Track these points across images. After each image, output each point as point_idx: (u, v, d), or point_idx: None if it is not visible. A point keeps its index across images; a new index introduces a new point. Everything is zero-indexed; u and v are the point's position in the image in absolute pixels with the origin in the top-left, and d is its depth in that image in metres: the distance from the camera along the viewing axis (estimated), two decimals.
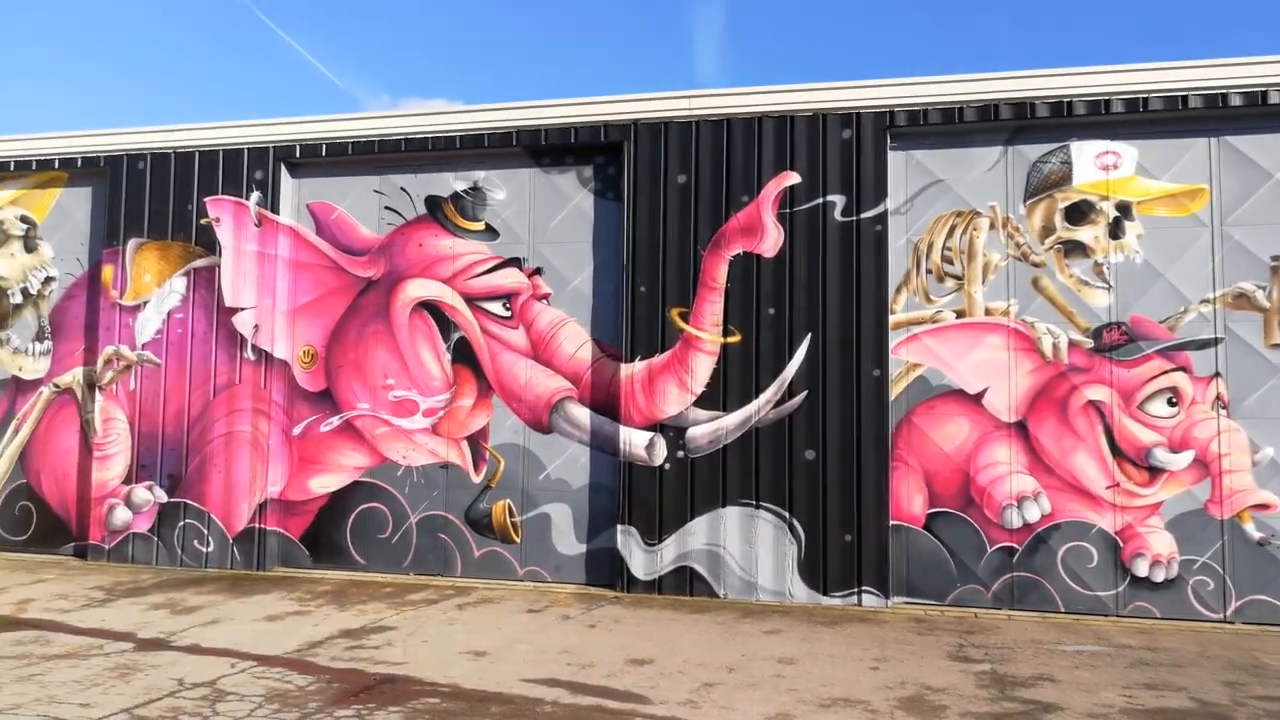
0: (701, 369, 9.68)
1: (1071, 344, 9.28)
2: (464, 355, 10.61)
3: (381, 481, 10.70)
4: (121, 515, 11.11)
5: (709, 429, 9.60)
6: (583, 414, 10.23)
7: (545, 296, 10.46)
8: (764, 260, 9.65)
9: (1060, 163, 9.46)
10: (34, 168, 11.95)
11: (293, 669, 6.67)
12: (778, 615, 8.78)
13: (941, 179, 9.65)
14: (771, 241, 9.64)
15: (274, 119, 11.14)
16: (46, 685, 6.14)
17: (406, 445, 10.65)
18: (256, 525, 10.77)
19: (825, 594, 9.25)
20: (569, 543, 10.19)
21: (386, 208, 10.95)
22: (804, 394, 9.43)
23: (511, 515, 10.33)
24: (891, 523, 9.28)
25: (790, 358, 9.49)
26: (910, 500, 9.39)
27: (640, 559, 9.66)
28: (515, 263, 10.57)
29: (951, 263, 9.57)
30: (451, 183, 10.80)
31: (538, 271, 10.51)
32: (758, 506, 9.44)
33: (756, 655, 7.28)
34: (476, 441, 10.51)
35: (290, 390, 11.00)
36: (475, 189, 10.73)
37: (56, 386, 11.76)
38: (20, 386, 11.90)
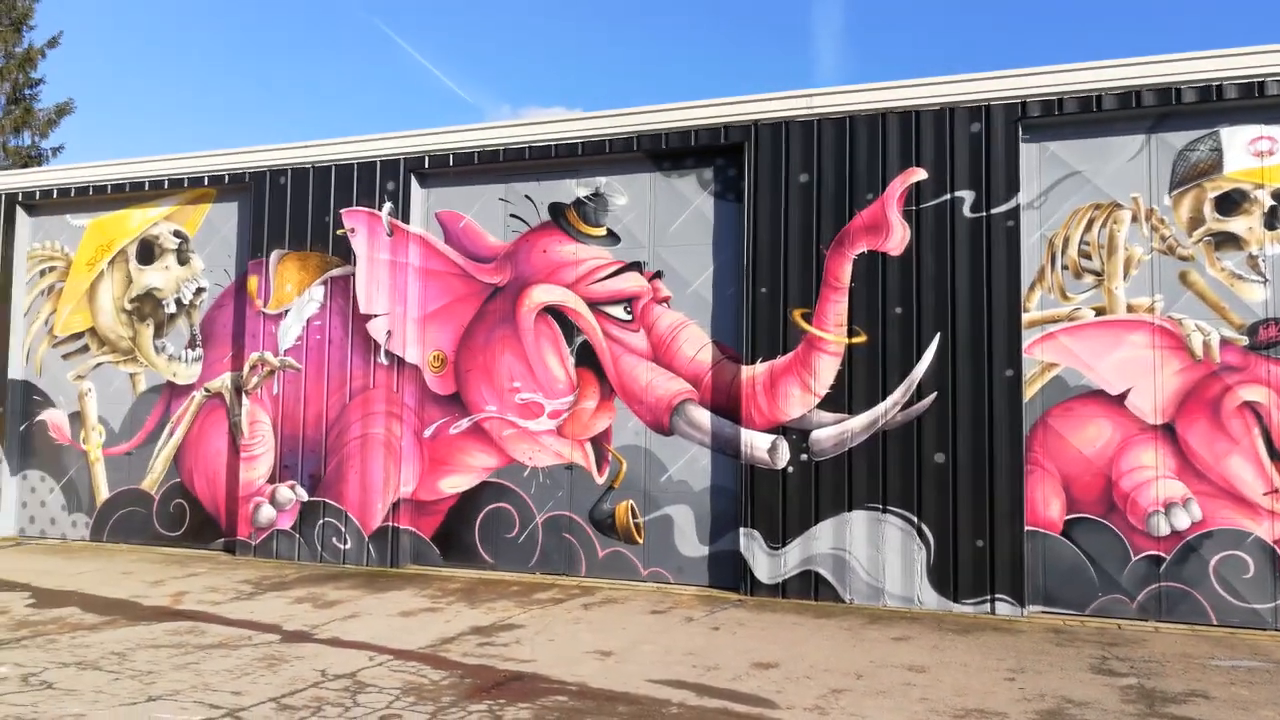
0: (825, 370, 9.54)
1: (1224, 341, 8.75)
2: (587, 358, 10.75)
3: (508, 482, 10.94)
4: (266, 513, 11.70)
5: (834, 432, 9.45)
6: (703, 416, 10.22)
7: (665, 299, 10.51)
8: (890, 259, 9.44)
9: (1209, 150, 8.93)
10: (185, 185, 12.71)
11: (427, 664, 6.88)
12: (906, 622, 8.57)
13: (1078, 170, 9.25)
14: (897, 239, 9.42)
15: (404, 132, 11.54)
16: (201, 673, 6.51)
17: (532, 446, 10.86)
18: (390, 524, 11.17)
19: (956, 601, 8.98)
20: (691, 544, 10.19)
21: (511, 215, 11.20)
22: (933, 396, 9.18)
23: (634, 516, 10.40)
24: (1027, 528, 8.94)
25: (919, 358, 9.25)
26: (1047, 505, 9.02)
27: (763, 562, 9.58)
28: (636, 267, 10.65)
29: (1090, 258, 9.16)
30: (574, 189, 10.96)
31: (658, 275, 10.56)
32: (885, 511, 9.24)
33: (885, 662, 7.12)
34: (599, 443, 10.63)
35: (421, 393, 11.37)
36: (597, 195, 10.86)
37: (207, 391, 12.47)
38: (175, 391, 12.68)
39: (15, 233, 13.62)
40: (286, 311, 11.83)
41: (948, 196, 9.35)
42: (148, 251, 12.96)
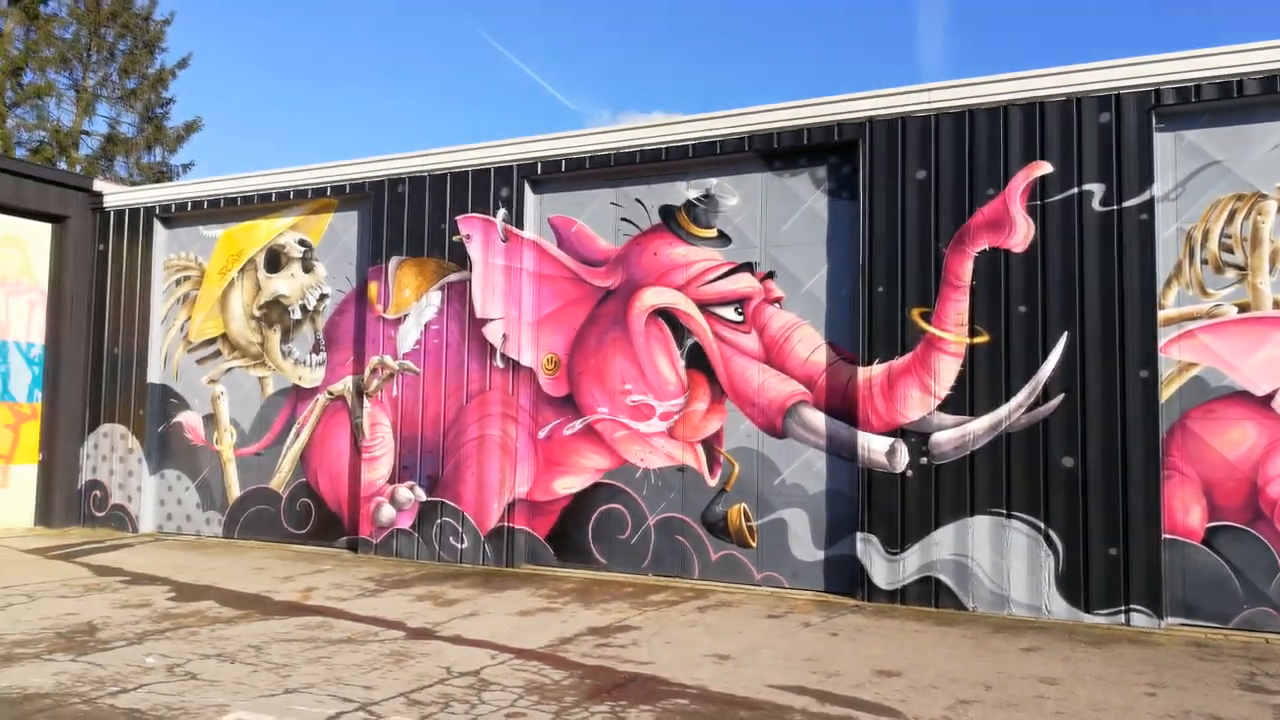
0: (946, 371, 9.28)
1: None
2: (697, 360, 10.72)
3: (620, 483, 10.99)
4: (387, 512, 12.04)
5: (955, 434, 9.18)
6: (818, 418, 10.07)
7: (778, 300, 10.40)
8: (1013, 256, 9.13)
9: None
10: (309, 196, 13.20)
11: (547, 663, 6.96)
12: (1034, 631, 8.26)
13: (1218, 160, 8.77)
14: (1021, 236, 9.11)
15: (517, 139, 11.73)
16: (333, 667, 6.72)
17: (644, 448, 10.89)
18: (505, 524, 11.35)
19: (1087, 611, 8.61)
20: (806, 549, 10.05)
21: (622, 219, 11.26)
22: (1061, 397, 8.83)
23: (747, 519, 10.32)
24: (1164, 536, 8.51)
25: (1045, 358, 8.92)
26: (1186, 512, 8.57)
27: (881, 568, 9.38)
28: (747, 268, 10.57)
29: (1232, 251, 8.67)
30: (684, 191, 10.95)
31: (770, 275, 10.46)
32: (1009, 516, 8.93)
33: (1014, 673, 6.87)
34: (711, 445, 10.59)
35: (536, 395, 11.52)
36: (708, 196, 10.83)
37: (330, 394, 12.92)
38: (300, 394, 13.17)
39: (153, 244, 14.37)
40: (405, 316, 12.16)
41: (1075, 190, 8.98)
42: (275, 260, 13.51)
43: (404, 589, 9.89)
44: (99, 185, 15.11)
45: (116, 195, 14.85)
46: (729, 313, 10.57)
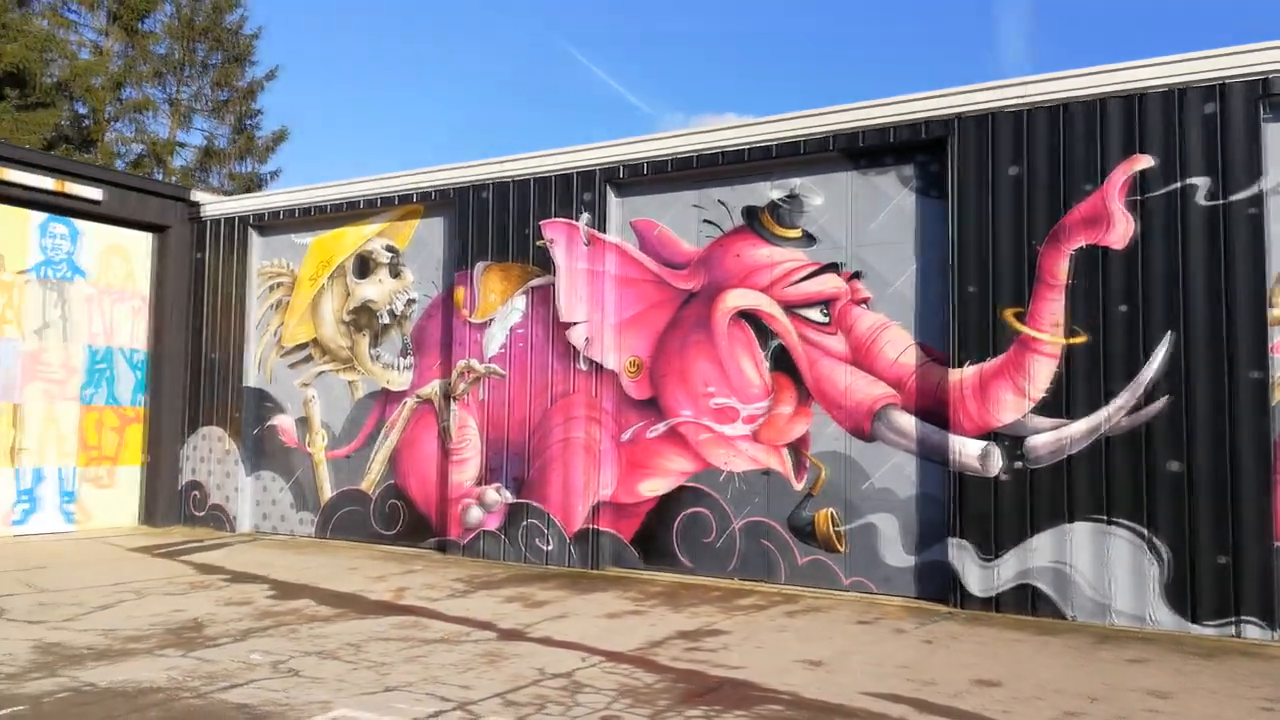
0: (1041, 373, 9.03)
1: None
2: (782, 363, 10.63)
3: (705, 486, 10.96)
4: (475, 514, 12.21)
5: (1051, 438, 8.93)
6: (908, 421, 9.90)
7: (865, 301, 10.25)
8: (1112, 253, 8.85)
9: None
10: (396, 203, 13.47)
11: (638, 666, 6.97)
12: (1139, 642, 7.98)
13: None
14: (1120, 232, 8.82)
15: (599, 143, 11.79)
16: (429, 667, 6.84)
17: (728, 451, 10.84)
18: (591, 526, 11.41)
19: (1195, 622, 8.28)
20: (896, 554, 9.88)
21: (705, 221, 11.23)
22: (1165, 399, 8.53)
23: (835, 524, 10.19)
24: (1278, 545, 8.14)
25: (1147, 359, 8.61)
26: None
27: (975, 574, 9.17)
28: (833, 268, 10.45)
29: None
30: (768, 192, 10.88)
31: (856, 275, 10.32)
32: (1110, 522, 8.65)
33: (1121, 685, 6.65)
34: (797, 448, 10.49)
35: (619, 398, 11.56)
36: (792, 196, 10.73)
37: (419, 397, 13.16)
38: (389, 398, 13.45)
39: (248, 252, 14.84)
40: (491, 320, 12.32)
41: (1178, 184, 8.66)
42: (363, 266, 13.82)
43: (493, 590, 10.02)
44: (197, 195, 15.66)
45: (213, 205, 15.37)
46: (815, 314, 10.46)
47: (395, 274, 13.57)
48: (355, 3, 62.71)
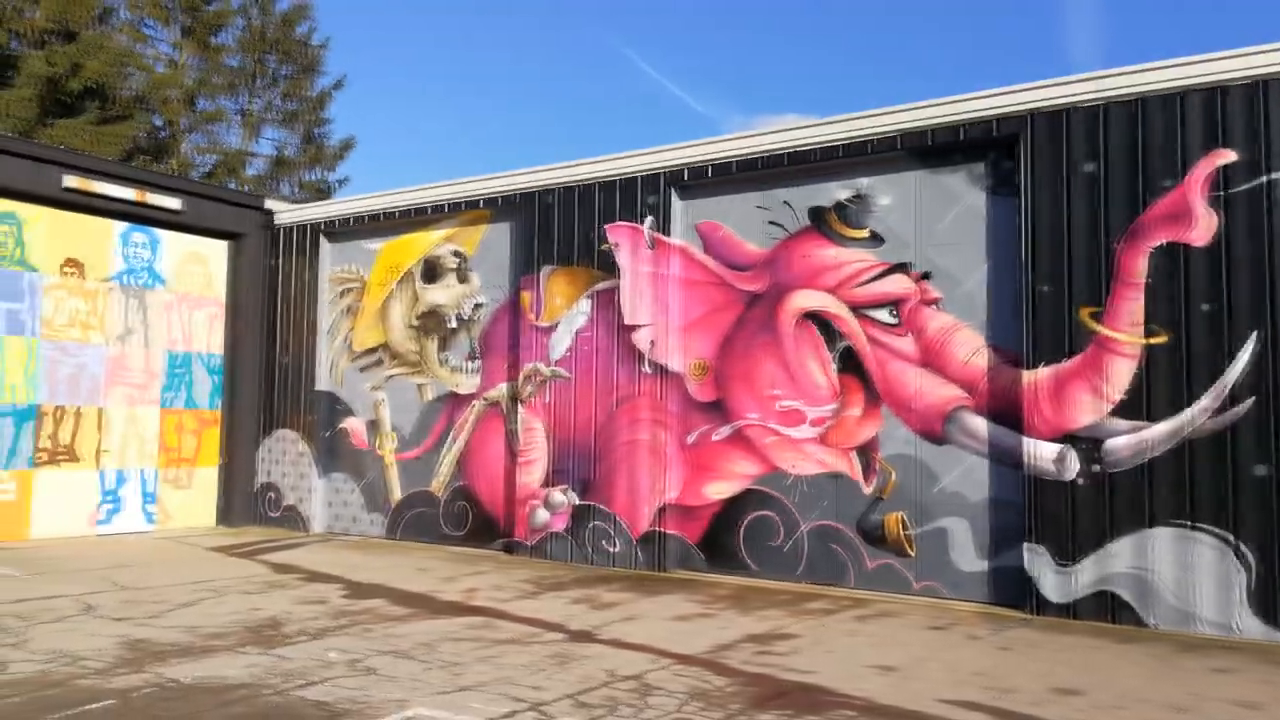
0: (1119, 374, 8.81)
1: None
2: (850, 364, 10.52)
3: (772, 489, 10.90)
4: (541, 516, 12.31)
5: (1130, 441, 8.70)
6: (980, 424, 9.73)
7: (935, 301, 10.10)
8: (1193, 250, 8.59)
9: None
10: (464, 208, 13.65)
11: (708, 669, 6.95)
12: (1224, 651, 7.73)
13: None
14: (1203, 228, 8.55)
15: (663, 147, 11.81)
16: (501, 667, 6.90)
17: (795, 454, 10.76)
18: (657, 529, 11.42)
19: None
20: (969, 559, 9.71)
21: (770, 222, 11.17)
22: (1250, 401, 8.24)
23: (905, 528, 10.05)
24: None
25: (1231, 360, 8.34)
26: None
27: (1052, 580, 8.97)
28: (902, 268, 10.32)
29: None
30: (834, 192, 10.78)
31: (926, 276, 10.17)
32: (1194, 528, 8.39)
33: (1208, 695, 6.45)
34: (866, 452, 10.37)
35: (684, 401, 11.56)
36: (859, 196, 10.62)
37: (486, 400, 13.31)
38: (458, 400, 13.62)
39: (319, 259, 15.16)
40: (557, 324, 12.41)
41: (1264, 179, 8.38)
42: (431, 271, 14.03)
43: (561, 591, 10.08)
44: (270, 204, 16.05)
45: (286, 213, 15.74)
46: (883, 315, 10.34)
47: (463, 279, 13.74)
48: (416, 13, 63.74)
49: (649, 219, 11.81)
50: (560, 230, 12.52)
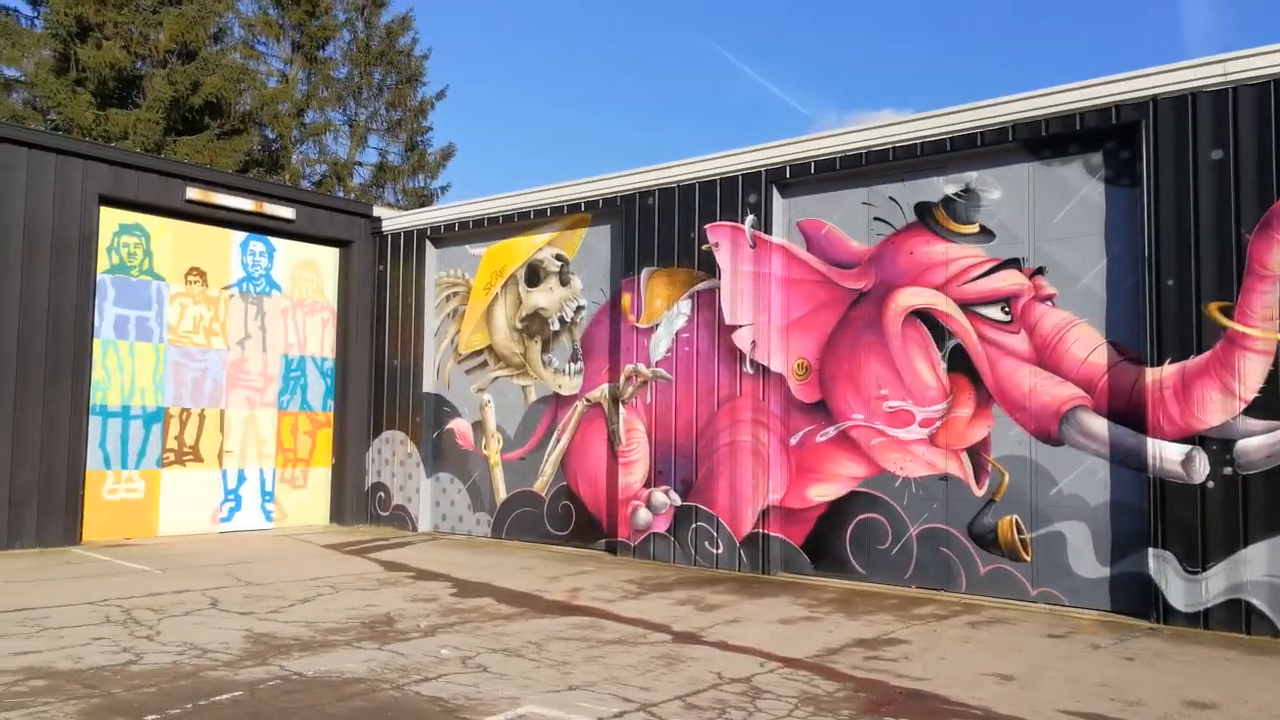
0: (1251, 371, 8.34)
1: None
2: (960, 363, 10.24)
3: (879, 492, 10.68)
4: (643, 516, 12.34)
5: (1265, 441, 8.23)
6: (1099, 424, 9.34)
7: (1049, 297, 9.75)
8: None
9: None
10: (565, 212, 13.79)
11: (817, 674, 6.85)
12: None
13: None
14: None
15: (763, 145, 11.71)
16: (610, 668, 6.93)
17: (903, 456, 10.52)
18: (760, 530, 11.32)
19: None
20: (1088, 564, 9.34)
21: (875, 218, 10.96)
22: None
23: (1020, 532, 9.73)
24: None
25: None
26: None
27: (1179, 588, 8.55)
28: (1014, 263, 9.99)
29: None
30: (942, 187, 10.51)
31: (1040, 271, 9.83)
32: None
33: None
34: (977, 453, 10.07)
35: (786, 402, 11.43)
36: (967, 190, 10.33)
37: (588, 401, 13.42)
38: (560, 402, 13.77)
39: (425, 264, 15.53)
40: (657, 325, 12.43)
41: None
42: (534, 275, 14.22)
43: (664, 592, 10.08)
44: (378, 211, 16.52)
45: (392, 219, 16.17)
46: (994, 312, 10.03)
47: (564, 282, 13.89)
48: (514, 21, 64.77)
49: (750, 218, 11.72)
50: (660, 231, 12.53)
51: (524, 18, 65.72)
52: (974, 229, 10.27)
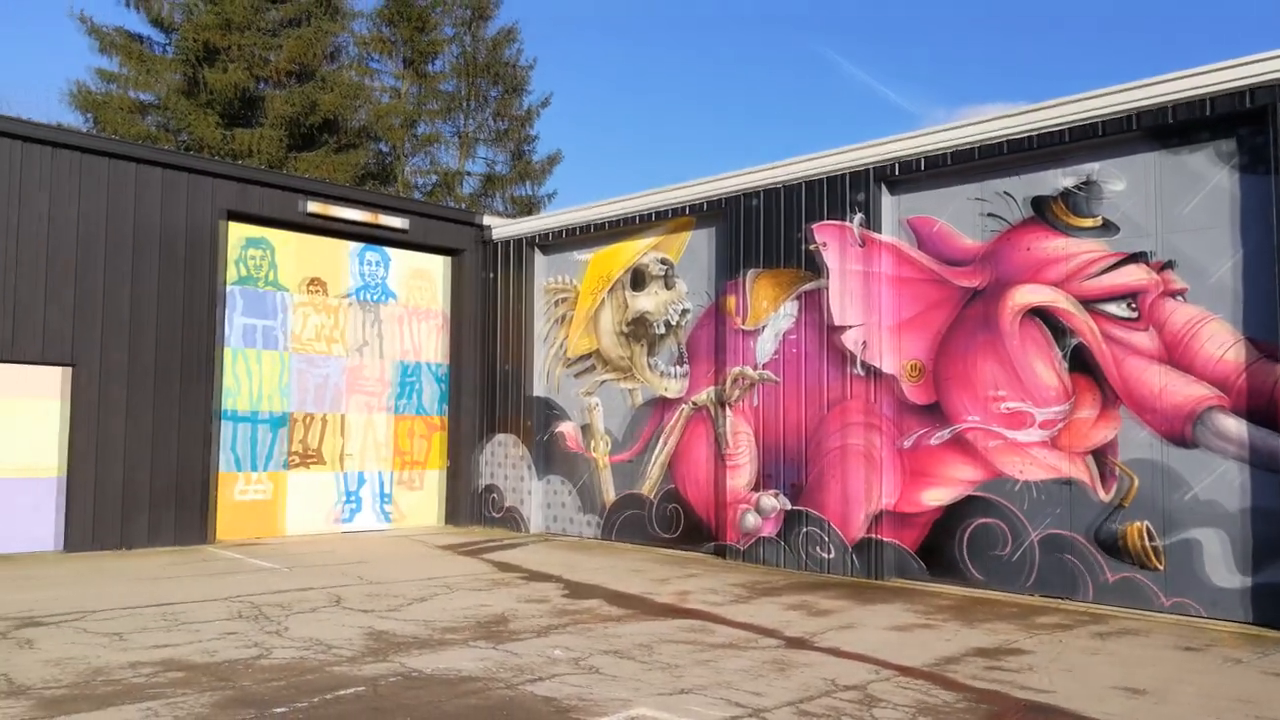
0: None
1: None
2: (1082, 363, 9.84)
3: (996, 496, 10.35)
4: (751, 520, 12.25)
5: None
6: (1236, 426, 8.84)
7: (1179, 292, 9.28)
8: None
9: None
10: (669, 215, 13.82)
11: (934, 683, 6.67)
12: None
13: None
14: None
15: (871, 141, 11.49)
16: (720, 671, 6.89)
17: (1022, 459, 10.17)
18: (872, 535, 11.10)
19: None
20: (1225, 574, 8.84)
21: (988, 214, 10.63)
22: None
23: (1149, 539, 9.28)
24: None
25: None
26: None
27: None
28: (1139, 258, 9.55)
29: None
30: (1059, 179, 10.13)
31: (1168, 265, 9.37)
32: None
33: None
34: (1102, 456, 9.66)
35: (898, 404, 11.18)
36: (1088, 182, 9.92)
37: (693, 404, 13.41)
38: (666, 405, 13.80)
39: (533, 270, 15.79)
40: (763, 327, 12.33)
41: None
42: (639, 279, 14.30)
43: (774, 597, 9.98)
44: (486, 219, 16.88)
45: (500, 227, 16.50)
46: (1119, 309, 9.60)
47: (669, 285, 13.92)
48: (616, 26, 65.34)
49: (858, 216, 11.52)
50: (764, 232, 12.43)
51: (626, 22, 66.18)
52: (1095, 222, 9.86)
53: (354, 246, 15.50)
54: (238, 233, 14.15)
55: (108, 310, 12.69)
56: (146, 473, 12.83)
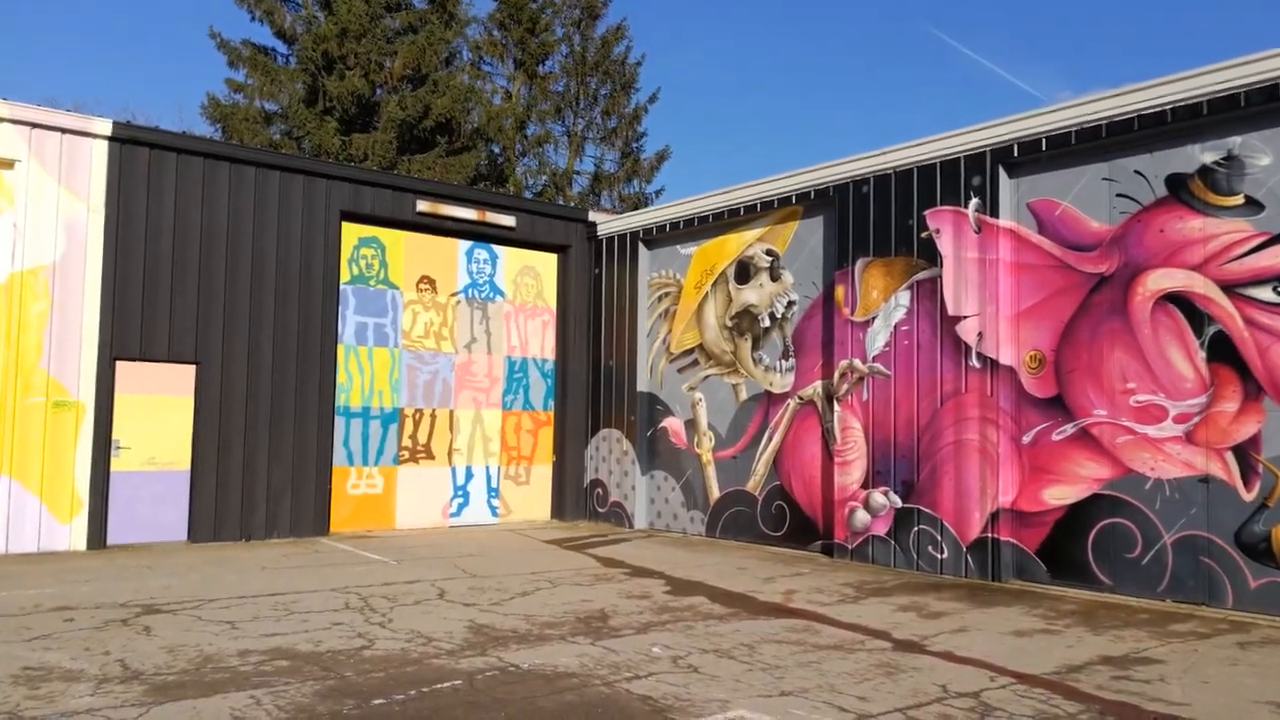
0: None
1: None
2: (1223, 352, 9.12)
3: (1126, 495, 9.70)
4: (861, 518, 11.85)
5: None
6: None
7: None
8: None
9: None
10: (775, 206, 13.51)
11: (1055, 692, 6.24)
12: None
13: None
14: None
15: (988, 122, 10.96)
16: (825, 674, 6.62)
17: (1154, 456, 9.50)
18: (989, 535, 10.58)
19: None
20: None
21: (1118, 195, 9.98)
22: None
23: None
24: None
25: None
26: None
27: None
28: None
29: None
30: (1198, 155, 9.41)
31: None
32: None
33: None
34: (1245, 452, 8.93)
35: (1018, 397, 10.62)
36: (1230, 158, 9.19)
37: (800, 399, 13.07)
38: (772, 399, 13.50)
39: (638, 265, 15.70)
40: (873, 318, 11.91)
41: None
42: (744, 271, 14.03)
43: (884, 598, 9.60)
44: (593, 216, 16.88)
45: (606, 224, 16.47)
46: (1265, 293, 8.86)
47: (775, 277, 13.61)
48: (721, 17, 64.86)
49: (974, 201, 11.00)
50: (875, 220, 12.00)
51: (731, 12, 65.61)
52: (1238, 200, 9.12)
53: (463, 245, 15.71)
54: (351, 233, 14.50)
55: (229, 309, 13.17)
56: (265, 467, 13.27)
